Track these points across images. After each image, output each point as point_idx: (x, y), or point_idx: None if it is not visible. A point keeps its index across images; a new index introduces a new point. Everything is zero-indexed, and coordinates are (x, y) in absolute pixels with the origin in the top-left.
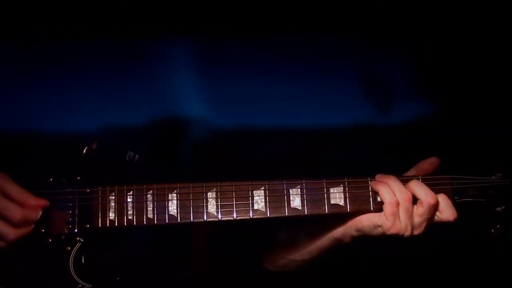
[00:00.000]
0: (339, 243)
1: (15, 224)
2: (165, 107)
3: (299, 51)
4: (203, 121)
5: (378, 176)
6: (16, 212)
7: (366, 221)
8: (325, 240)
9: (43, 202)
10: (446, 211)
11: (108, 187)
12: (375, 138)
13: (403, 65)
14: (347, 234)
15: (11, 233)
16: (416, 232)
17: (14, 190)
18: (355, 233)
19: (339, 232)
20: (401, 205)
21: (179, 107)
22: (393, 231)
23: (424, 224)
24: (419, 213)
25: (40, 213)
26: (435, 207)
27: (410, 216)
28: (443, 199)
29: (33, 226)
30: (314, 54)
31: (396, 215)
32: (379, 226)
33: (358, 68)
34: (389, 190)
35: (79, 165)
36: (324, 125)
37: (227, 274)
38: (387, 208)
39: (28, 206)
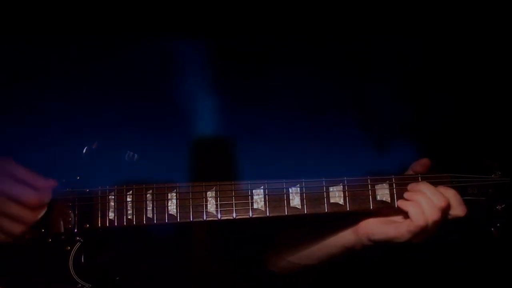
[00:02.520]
0: (349, 251)
1: (34, 207)
2: (165, 108)
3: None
4: (204, 122)
5: (410, 186)
6: (32, 196)
7: (378, 233)
8: (335, 248)
9: (52, 183)
10: (457, 208)
11: (108, 187)
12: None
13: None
14: (358, 243)
15: (30, 215)
16: (428, 235)
17: (24, 172)
18: (367, 243)
19: (350, 241)
20: (429, 226)
21: (181, 108)
22: (408, 240)
23: (437, 227)
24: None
25: (51, 195)
26: (447, 209)
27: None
28: (454, 195)
29: (46, 209)
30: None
31: (419, 233)
32: (396, 238)
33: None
34: (421, 211)
35: (79, 165)
36: None
37: (228, 275)
38: (414, 228)
39: (38, 187)
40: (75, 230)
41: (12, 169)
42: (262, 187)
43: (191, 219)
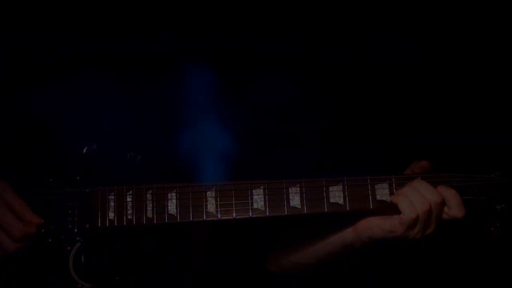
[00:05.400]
0: (349, 250)
1: (16, 240)
2: (166, 107)
3: None
4: (205, 122)
5: (406, 184)
6: (19, 229)
7: (375, 227)
8: (334, 246)
9: (39, 220)
10: (456, 209)
11: (108, 187)
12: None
13: None
14: (357, 241)
15: (11, 246)
16: (427, 232)
17: (16, 202)
18: (366, 240)
19: (349, 239)
20: (420, 217)
21: (182, 108)
22: (405, 235)
23: (434, 223)
24: None
25: (35, 230)
26: (442, 204)
27: (426, 224)
28: (453, 196)
29: (29, 241)
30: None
31: (411, 225)
32: (391, 232)
33: None
34: (410, 203)
35: (79, 165)
36: None
37: (228, 275)
38: (404, 220)
39: (25, 220)
40: (75, 230)
41: (5, 194)
42: (262, 187)
43: (191, 219)
